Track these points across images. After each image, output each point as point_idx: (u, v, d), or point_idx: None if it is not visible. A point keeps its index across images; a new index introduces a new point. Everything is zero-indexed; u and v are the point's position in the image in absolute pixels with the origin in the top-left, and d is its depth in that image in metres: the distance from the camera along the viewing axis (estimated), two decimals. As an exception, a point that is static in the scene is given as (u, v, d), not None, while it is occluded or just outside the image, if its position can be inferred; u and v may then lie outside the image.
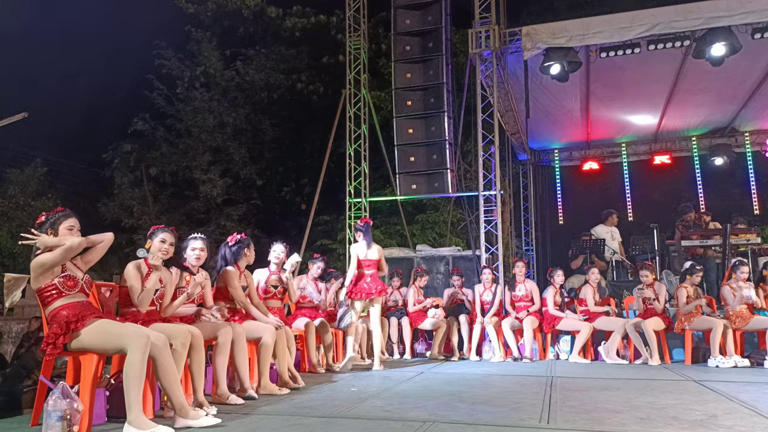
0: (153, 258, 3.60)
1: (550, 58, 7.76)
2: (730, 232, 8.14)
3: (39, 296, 3.10)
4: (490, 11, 8.08)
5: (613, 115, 10.48)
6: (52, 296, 3.06)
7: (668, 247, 9.26)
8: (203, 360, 3.61)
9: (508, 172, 11.34)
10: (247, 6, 15.54)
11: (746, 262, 6.43)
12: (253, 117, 16.03)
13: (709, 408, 3.55)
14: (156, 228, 3.72)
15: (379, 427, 3.10)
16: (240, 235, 4.71)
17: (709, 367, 5.89)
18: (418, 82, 8.64)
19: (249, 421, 3.27)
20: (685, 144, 11.75)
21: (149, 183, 15.76)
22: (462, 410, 3.52)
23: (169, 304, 3.77)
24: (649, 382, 4.76)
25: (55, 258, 3.03)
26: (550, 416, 3.32)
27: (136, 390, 2.88)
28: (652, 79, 8.85)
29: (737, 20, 6.97)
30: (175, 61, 15.42)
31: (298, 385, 4.50)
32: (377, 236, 10.86)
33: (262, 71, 15.78)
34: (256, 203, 15.78)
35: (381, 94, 13.48)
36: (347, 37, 10.25)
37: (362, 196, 10.02)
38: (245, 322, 4.39)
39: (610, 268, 9.63)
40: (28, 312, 10.10)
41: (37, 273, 3.05)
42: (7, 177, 15.20)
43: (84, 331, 2.99)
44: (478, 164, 8.18)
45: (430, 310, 7.28)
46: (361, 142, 10.16)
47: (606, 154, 12.23)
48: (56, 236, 3.11)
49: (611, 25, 7.39)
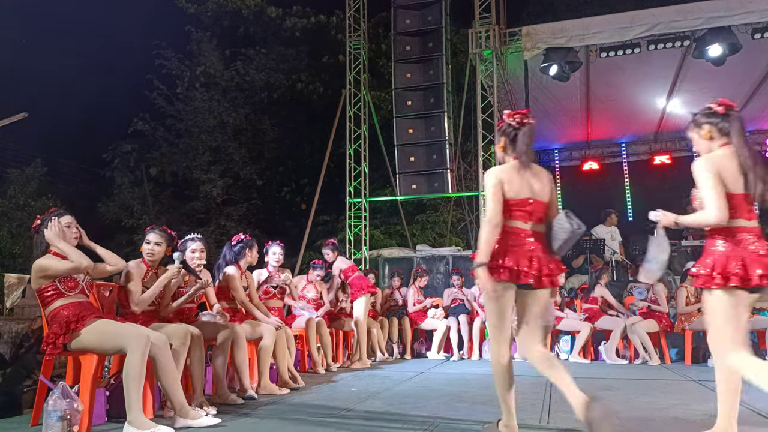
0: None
1: (550, 58, 7.77)
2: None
3: (39, 296, 3.10)
4: (490, 11, 8.08)
5: (613, 115, 10.48)
6: (52, 296, 3.07)
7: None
8: (203, 360, 3.61)
9: (508, 172, 11.32)
10: (247, 6, 15.52)
11: None
12: (253, 117, 16.02)
13: (709, 408, 3.55)
14: (147, 229, 3.74)
15: (379, 427, 3.10)
16: (244, 235, 4.71)
17: (709, 367, 5.88)
18: (418, 82, 8.65)
19: (249, 421, 3.27)
20: (685, 144, 11.74)
21: (149, 183, 15.76)
22: (462, 410, 3.52)
23: (168, 303, 3.77)
24: (649, 382, 4.76)
25: (61, 271, 3.06)
26: (550, 416, 3.32)
27: (135, 390, 2.88)
28: (652, 79, 8.86)
29: (737, 20, 6.98)
30: (175, 61, 15.42)
31: (298, 385, 4.50)
32: (377, 236, 10.86)
33: (262, 71, 15.77)
34: (256, 203, 15.77)
35: (381, 94, 13.47)
36: (347, 37, 10.25)
37: (362, 196, 10.02)
38: (245, 322, 4.39)
39: (610, 268, 9.61)
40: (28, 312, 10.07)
41: (38, 275, 3.06)
42: (7, 177, 15.18)
43: (84, 331, 2.99)
44: (478, 164, 8.18)
45: (430, 310, 7.28)
46: (361, 142, 10.16)
47: (606, 154, 12.23)
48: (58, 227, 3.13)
49: (611, 25, 7.40)
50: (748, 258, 2.41)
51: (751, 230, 2.48)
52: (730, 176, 2.46)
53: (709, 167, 2.46)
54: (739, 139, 2.53)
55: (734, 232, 2.47)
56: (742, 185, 2.46)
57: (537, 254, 2.66)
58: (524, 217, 2.69)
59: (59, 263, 3.08)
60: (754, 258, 2.41)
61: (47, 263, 3.06)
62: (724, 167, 2.47)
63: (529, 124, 2.79)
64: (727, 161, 2.49)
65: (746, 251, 2.43)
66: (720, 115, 2.60)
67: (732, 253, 2.44)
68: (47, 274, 3.06)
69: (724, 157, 2.50)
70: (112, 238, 14.10)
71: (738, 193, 2.46)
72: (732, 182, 2.46)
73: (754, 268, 2.39)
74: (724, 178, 2.45)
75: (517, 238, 2.67)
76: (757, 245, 2.45)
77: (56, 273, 3.06)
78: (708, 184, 2.43)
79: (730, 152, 2.51)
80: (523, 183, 2.69)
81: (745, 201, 2.47)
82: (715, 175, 2.44)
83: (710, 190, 2.42)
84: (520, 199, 2.67)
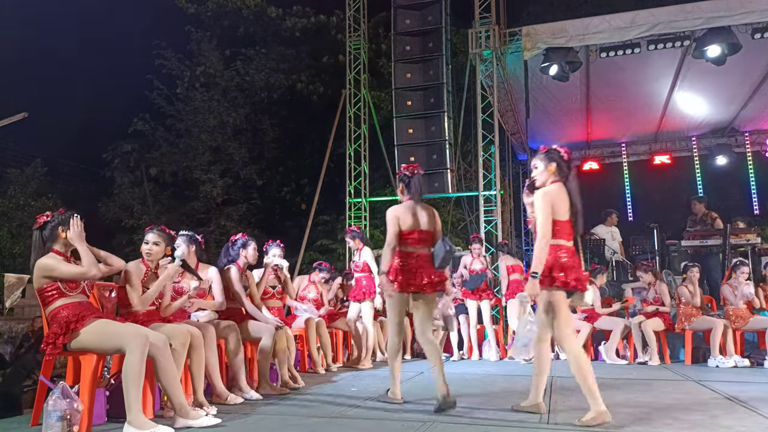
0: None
1: (550, 58, 7.76)
2: (730, 232, 8.13)
3: (40, 296, 3.09)
4: (490, 11, 8.08)
5: (613, 115, 10.48)
6: (53, 296, 3.06)
7: (668, 247, 9.24)
8: (203, 360, 3.60)
9: (508, 172, 11.34)
10: (247, 6, 15.52)
11: (747, 263, 6.42)
12: (253, 117, 16.02)
13: (709, 408, 3.55)
14: (146, 229, 3.74)
15: (379, 427, 3.10)
16: (241, 235, 4.70)
17: (709, 367, 5.88)
18: (418, 82, 8.64)
19: (249, 421, 3.27)
20: (685, 144, 11.75)
21: (149, 183, 15.76)
22: (462, 410, 3.52)
23: (168, 304, 3.76)
24: (649, 382, 4.76)
25: (67, 274, 3.06)
26: (550, 416, 3.32)
27: (135, 390, 2.88)
28: (652, 79, 8.86)
29: (737, 20, 6.98)
30: (175, 61, 15.42)
31: (298, 385, 4.50)
32: (377, 236, 10.86)
33: (262, 71, 15.77)
34: (256, 203, 15.77)
35: (381, 94, 13.47)
36: (347, 37, 10.25)
37: (362, 196, 10.02)
38: (245, 322, 4.38)
39: (610, 268, 9.61)
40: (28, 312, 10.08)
41: (41, 274, 3.04)
42: (7, 177, 15.19)
43: (83, 331, 2.99)
44: (478, 164, 8.18)
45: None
46: (361, 142, 10.16)
47: (606, 154, 12.23)
48: (70, 231, 3.11)
49: (611, 25, 7.39)
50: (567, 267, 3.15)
51: (568, 249, 3.20)
52: (560, 207, 3.18)
53: (547, 199, 3.17)
54: (573, 181, 3.29)
55: (558, 249, 3.17)
56: (567, 214, 3.20)
57: (423, 269, 3.60)
58: (414, 243, 3.64)
59: (67, 266, 3.06)
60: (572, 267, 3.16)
61: (53, 264, 3.04)
62: (557, 200, 3.18)
63: (419, 174, 3.82)
64: (558, 195, 3.19)
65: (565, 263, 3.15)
66: (565, 160, 3.32)
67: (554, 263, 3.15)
68: (52, 275, 3.04)
69: (557, 192, 3.21)
70: (112, 238, 14.12)
71: (562, 220, 3.18)
72: (561, 212, 3.18)
73: (571, 276, 3.13)
74: (556, 208, 3.16)
75: (409, 258, 3.63)
76: (572, 260, 3.19)
77: (61, 275, 3.05)
78: (544, 212, 3.14)
79: (560, 188, 3.23)
80: (414, 218, 3.67)
81: (567, 226, 3.21)
82: (549, 205, 3.15)
83: (545, 217, 3.14)
84: (411, 230, 3.64)
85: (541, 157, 3.33)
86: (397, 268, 3.62)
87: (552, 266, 3.14)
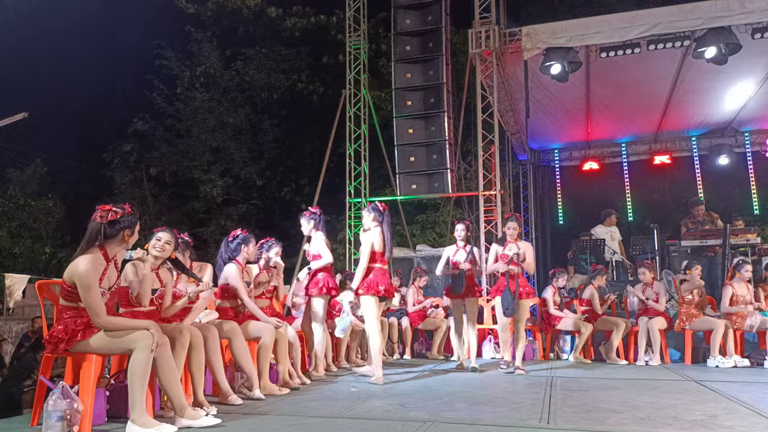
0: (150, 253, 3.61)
1: (550, 58, 7.75)
2: (730, 232, 8.13)
3: (62, 288, 2.99)
4: (490, 11, 8.07)
5: (613, 115, 10.47)
6: (75, 296, 2.95)
7: (668, 247, 9.24)
8: (203, 360, 3.59)
9: (508, 172, 11.33)
10: (247, 6, 15.53)
11: (749, 261, 6.41)
12: (253, 117, 16.04)
13: (709, 408, 3.55)
14: (156, 230, 3.75)
15: (379, 427, 3.10)
16: (240, 231, 4.67)
17: (709, 367, 5.88)
18: (418, 82, 8.64)
19: (249, 421, 3.27)
20: (685, 144, 11.74)
21: (149, 183, 15.78)
22: (462, 410, 3.52)
23: (169, 305, 3.76)
24: (649, 382, 4.76)
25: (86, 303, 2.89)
26: (550, 416, 3.32)
27: (140, 388, 2.88)
28: (652, 79, 8.85)
29: (737, 20, 6.97)
30: (175, 61, 15.43)
31: (298, 386, 4.50)
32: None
33: (262, 71, 15.79)
34: (256, 203, 15.79)
35: (381, 94, 13.48)
36: (347, 37, 10.25)
37: (362, 196, 10.02)
38: (246, 321, 4.38)
39: (610, 268, 9.61)
40: (28, 312, 10.09)
41: (75, 277, 2.89)
42: (7, 177, 15.20)
43: (91, 339, 2.96)
44: (478, 164, 8.18)
45: (430, 309, 7.28)
46: (361, 142, 10.16)
47: (606, 154, 12.22)
48: (132, 237, 3.15)
49: (611, 25, 7.38)
50: (381, 281, 4.75)
51: (381, 269, 4.82)
52: (377, 244, 4.81)
53: (370, 239, 4.80)
54: (388, 226, 4.90)
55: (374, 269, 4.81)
56: (381, 248, 4.83)
57: (386, 280, 4.84)
58: (381, 261, 4.85)
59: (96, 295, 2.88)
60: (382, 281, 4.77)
61: (87, 282, 2.86)
62: (376, 239, 4.82)
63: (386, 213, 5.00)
64: (377, 236, 4.83)
65: (380, 278, 4.76)
66: (382, 212, 4.91)
67: (374, 278, 4.75)
68: (78, 289, 2.88)
69: (377, 233, 4.84)
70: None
71: (379, 251, 4.82)
72: (379, 246, 4.82)
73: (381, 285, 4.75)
74: (375, 244, 4.80)
75: (378, 271, 4.81)
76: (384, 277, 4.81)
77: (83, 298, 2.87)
78: (366, 250, 4.79)
79: (379, 231, 4.84)
80: (383, 242, 4.86)
81: (381, 255, 4.82)
82: (370, 244, 4.79)
83: (365, 254, 4.79)
84: (380, 251, 4.85)
85: (369, 210, 4.93)
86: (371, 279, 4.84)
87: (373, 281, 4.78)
